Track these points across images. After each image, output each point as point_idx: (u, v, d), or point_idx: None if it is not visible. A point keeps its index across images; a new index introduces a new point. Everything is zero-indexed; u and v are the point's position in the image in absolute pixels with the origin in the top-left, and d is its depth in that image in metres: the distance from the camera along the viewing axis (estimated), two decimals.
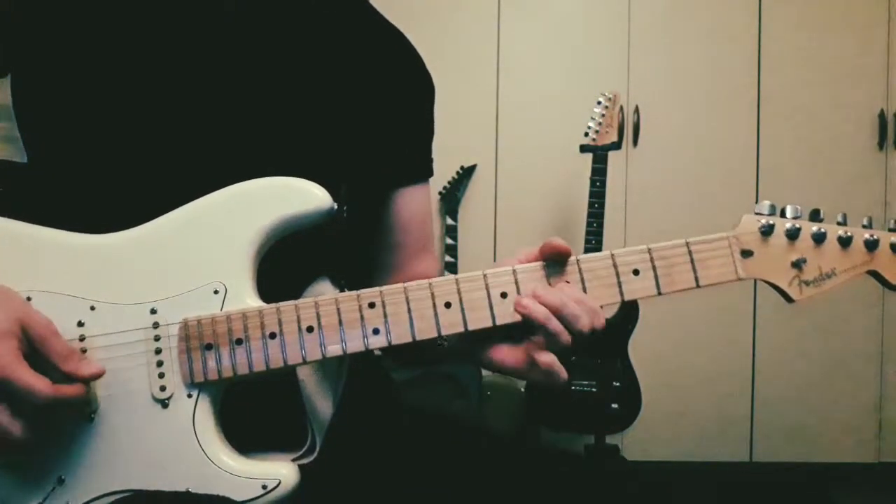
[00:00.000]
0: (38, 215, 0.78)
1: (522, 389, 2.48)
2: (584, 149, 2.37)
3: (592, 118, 2.36)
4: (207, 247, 0.76)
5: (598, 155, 2.35)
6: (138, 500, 0.72)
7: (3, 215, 0.78)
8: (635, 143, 2.71)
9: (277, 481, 0.72)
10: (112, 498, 0.72)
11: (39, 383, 0.67)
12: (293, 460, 0.78)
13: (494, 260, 2.73)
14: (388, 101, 0.95)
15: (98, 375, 0.71)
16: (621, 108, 2.59)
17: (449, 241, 2.63)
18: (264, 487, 0.72)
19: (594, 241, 2.34)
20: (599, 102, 2.36)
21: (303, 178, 0.78)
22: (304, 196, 0.77)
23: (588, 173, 2.36)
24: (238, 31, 0.87)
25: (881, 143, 2.69)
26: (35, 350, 0.69)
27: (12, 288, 0.73)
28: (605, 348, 2.34)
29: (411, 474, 0.84)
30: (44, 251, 0.76)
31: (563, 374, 0.74)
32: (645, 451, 2.71)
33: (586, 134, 2.36)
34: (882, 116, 2.68)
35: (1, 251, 0.76)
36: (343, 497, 0.83)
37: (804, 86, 2.71)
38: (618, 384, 2.34)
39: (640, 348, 2.36)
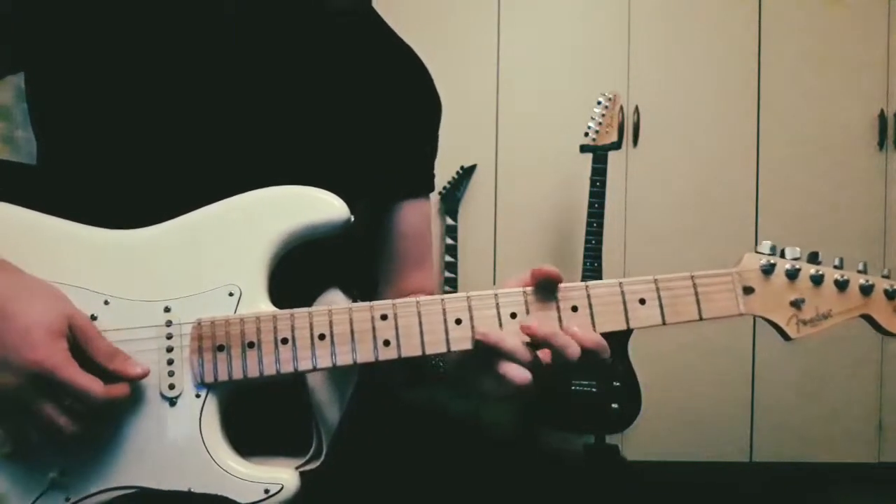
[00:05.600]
0: (47, 212, 0.78)
1: None
2: (584, 149, 2.37)
3: (592, 118, 2.36)
4: (225, 249, 0.77)
5: (598, 155, 2.35)
6: (139, 497, 0.72)
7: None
8: (635, 143, 2.71)
9: (280, 486, 0.73)
10: (113, 494, 0.72)
11: (95, 385, 0.67)
12: (299, 466, 0.78)
13: (494, 260, 2.73)
14: (396, 116, 0.96)
15: (145, 375, 0.72)
16: (621, 108, 2.59)
17: (449, 241, 2.63)
18: (266, 492, 0.72)
19: (594, 241, 2.34)
20: (599, 102, 2.36)
21: (320, 188, 0.78)
22: (323, 206, 0.78)
23: (588, 173, 2.36)
24: (253, 33, 0.88)
25: (881, 143, 2.69)
26: (79, 348, 0.69)
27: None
28: None
29: (414, 478, 0.84)
30: (61, 243, 0.76)
31: (518, 380, 0.73)
32: (645, 451, 2.71)
33: (586, 134, 2.36)
34: (882, 116, 2.68)
35: (18, 240, 0.76)
36: (349, 501, 0.83)
37: (804, 86, 2.71)
38: (618, 384, 2.34)
39: (640, 348, 2.36)
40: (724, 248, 2.67)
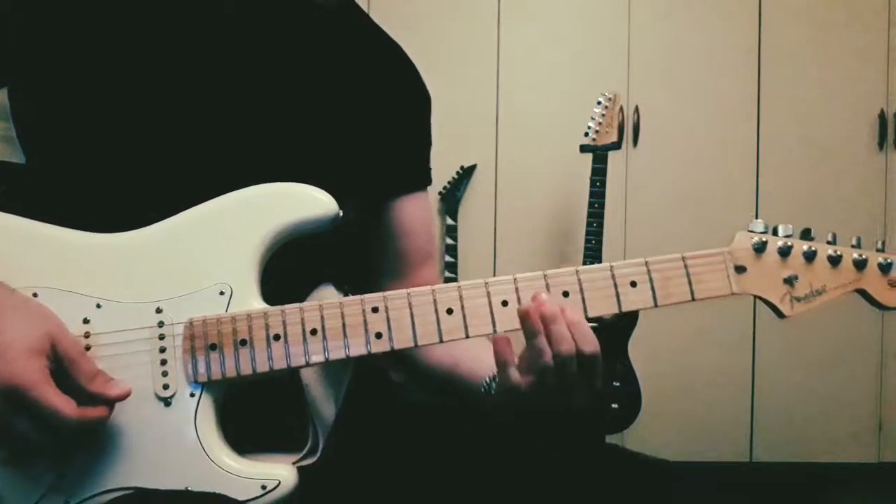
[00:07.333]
0: (37, 216, 0.78)
1: None
2: (584, 149, 2.37)
3: (592, 118, 2.36)
4: (215, 249, 0.77)
5: (598, 155, 2.35)
6: (137, 498, 0.73)
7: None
8: (635, 143, 2.71)
9: (277, 482, 0.73)
10: (111, 495, 0.73)
11: (66, 405, 0.67)
12: (295, 462, 0.78)
13: (494, 260, 2.73)
14: (385, 112, 0.96)
15: (125, 396, 0.71)
16: (621, 108, 2.59)
17: (449, 241, 2.63)
18: (263, 488, 0.72)
19: (594, 241, 2.34)
20: (599, 102, 2.36)
21: (308, 185, 0.78)
22: (311, 202, 0.78)
23: (588, 173, 2.36)
24: (240, 37, 0.88)
25: (881, 143, 2.69)
26: (61, 368, 0.69)
27: (18, 283, 0.73)
28: (605, 348, 2.34)
29: (413, 475, 0.84)
30: (51, 248, 0.77)
31: (514, 379, 0.74)
32: (645, 451, 2.71)
33: (586, 134, 2.36)
34: (882, 116, 2.68)
35: (8, 247, 0.76)
36: (345, 498, 0.83)
37: (804, 85, 2.71)
38: (618, 384, 2.34)
39: (640, 348, 2.36)
40: (724, 247, 2.67)
